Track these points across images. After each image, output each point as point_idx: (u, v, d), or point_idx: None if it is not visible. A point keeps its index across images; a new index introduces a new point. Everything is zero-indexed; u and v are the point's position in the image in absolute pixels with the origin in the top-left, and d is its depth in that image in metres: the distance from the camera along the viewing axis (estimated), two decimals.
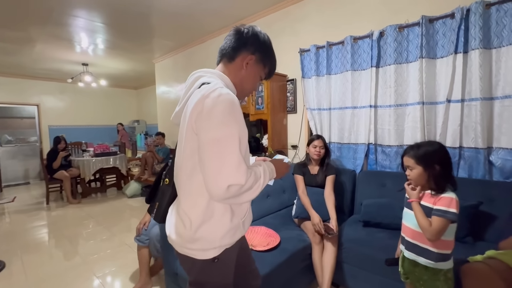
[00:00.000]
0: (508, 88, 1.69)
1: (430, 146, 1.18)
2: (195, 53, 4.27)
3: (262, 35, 0.90)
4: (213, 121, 0.71)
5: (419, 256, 1.16)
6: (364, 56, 2.30)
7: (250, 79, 0.92)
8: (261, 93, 2.81)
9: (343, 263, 1.79)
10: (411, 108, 2.07)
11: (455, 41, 1.83)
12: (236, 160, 0.71)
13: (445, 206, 1.08)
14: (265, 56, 0.91)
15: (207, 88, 0.75)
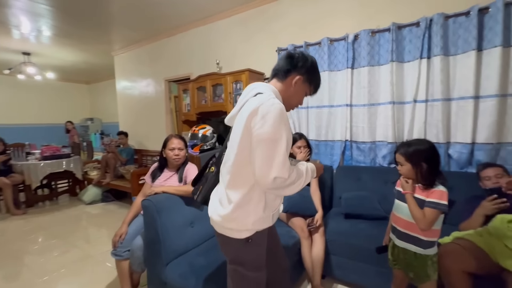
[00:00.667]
0: (463, 90, 1.95)
1: (420, 145, 1.25)
2: (163, 47, 4.02)
3: (310, 59, 1.04)
4: (267, 124, 0.87)
5: (410, 244, 1.24)
6: (340, 58, 2.43)
7: (297, 96, 1.07)
8: (240, 91, 2.77)
9: (330, 255, 1.86)
10: (383, 108, 2.25)
11: (420, 47, 2.04)
12: (282, 158, 0.87)
13: (437, 198, 1.17)
14: (311, 77, 1.05)
15: (263, 97, 0.91)
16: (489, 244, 1.37)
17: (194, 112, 3.18)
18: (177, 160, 1.83)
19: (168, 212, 1.59)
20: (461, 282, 1.33)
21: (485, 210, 1.54)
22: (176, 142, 1.85)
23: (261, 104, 0.88)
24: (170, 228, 1.56)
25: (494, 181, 1.62)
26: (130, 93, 4.72)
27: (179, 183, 1.83)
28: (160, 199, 1.59)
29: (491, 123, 1.85)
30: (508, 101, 1.84)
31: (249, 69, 2.68)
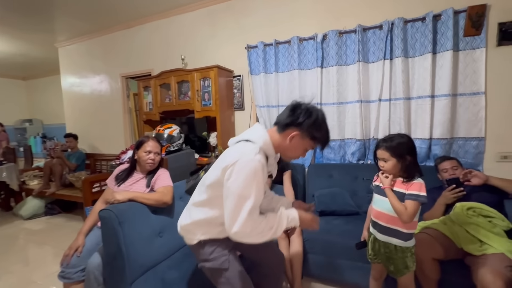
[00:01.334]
0: (421, 90, 2.11)
1: (401, 138, 1.24)
2: (119, 40, 3.65)
3: (315, 114, 1.00)
4: (240, 179, 0.92)
5: (392, 238, 1.24)
6: (309, 57, 2.45)
7: (294, 150, 1.06)
8: (208, 88, 2.63)
9: (307, 254, 1.84)
10: (351, 106, 2.33)
11: (384, 49, 2.16)
12: (247, 215, 0.92)
13: (416, 190, 1.18)
14: (313, 133, 1.01)
15: (245, 150, 0.96)
16: (453, 231, 1.47)
17: (157, 111, 2.93)
18: (151, 165, 1.65)
19: (132, 222, 1.38)
20: (432, 269, 1.40)
21: (446, 199, 1.66)
22: (153, 145, 1.67)
23: (239, 159, 0.93)
24: (135, 240, 1.36)
25: (451, 173, 1.77)
26: (79, 90, 4.19)
27: (146, 189, 1.63)
28: (122, 208, 1.38)
29: (445, 120, 2.03)
30: (458, 100, 2.04)
31: (217, 66, 2.56)
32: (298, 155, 1.08)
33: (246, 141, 1.02)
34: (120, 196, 1.41)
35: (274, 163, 1.16)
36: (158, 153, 1.68)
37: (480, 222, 1.45)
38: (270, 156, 1.05)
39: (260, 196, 0.96)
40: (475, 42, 1.95)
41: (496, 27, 1.91)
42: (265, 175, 0.98)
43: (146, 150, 1.64)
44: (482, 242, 1.38)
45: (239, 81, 2.85)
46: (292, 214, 1.05)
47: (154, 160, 1.67)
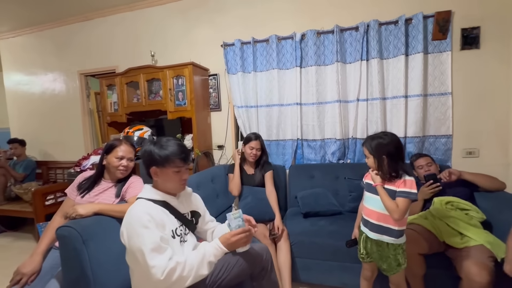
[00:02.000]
0: (395, 90, 2.19)
1: (383, 139, 1.25)
2: (77, 34, 3.25)
3: (154, 150, 1.09)
4: (131, 235, 0.98)
5: (384, 236, 1.24)
6: (288, 56, 2.42)
7: (167, 181, 1.11)
8: (182, 87, 2.44)
9: (294, 258, 1.77)
10: (330, 106, 2.34)
11: (360, 50, 2.20)
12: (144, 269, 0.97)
13: (408, 188, 1.18)
14: (160, 162, 1.08)
15: (129, 209, 1.05)
16: (435, 225, 1.52)
17: (123, 112, 2.65)
18: (123, 172, 1.46)
19: (100, 240, 1.18)
20: (418, 264, 1.42)
21: (424, 195, 1.72)
22: (126, 150, 1.48)
23: (125, 221, 1.03)
24: (104, 261, 1.16)
25: (426, 169, 1.84)
26: (27, 89, 3.65)
27: (115, 199, 1.42)
28: (87, 224, 1.17)
29: (417, 119, 2.13)
30: (428, 100, 2.15)
31: (193, 63, 2.40)
32: (178, 183, 1.12)
33: (138, 199, 1.10)
34: (82, 210, 1.19)
35: (183, 202, 1.20)
36: (132, 159, 1.49)
37: (458, 215, 1.51)
38: (168, 198, 1.12)
39: (155, 237, 0.97)
40: (442, 45, 2.08)
41: (460, 33, 2.06)
42: (157, 218, 1.02)
43: (117, 156, 1.44)
44: (463, 235, 1.44)
45: (215, 80, 2.71)
46: (209, 251, 1.07)
47: (127, 167, 1.47)
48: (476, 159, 2.10)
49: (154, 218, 1.00)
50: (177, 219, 1.13)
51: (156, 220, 1.01)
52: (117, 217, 1.28)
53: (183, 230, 1.14)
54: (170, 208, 1.12)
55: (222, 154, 2.74)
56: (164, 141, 1.11)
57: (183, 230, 1.14)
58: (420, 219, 1.60)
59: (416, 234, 1.48)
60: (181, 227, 1.13)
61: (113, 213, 1.27)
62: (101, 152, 1.52)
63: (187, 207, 1.22)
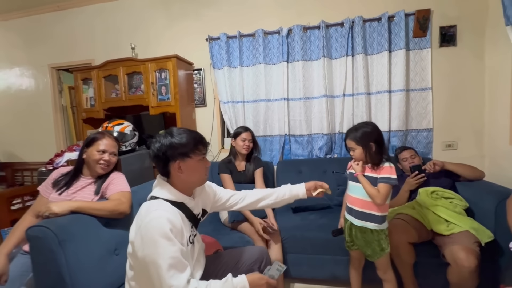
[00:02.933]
0: (379, 85, 2.24)
1: (366, 128, 1.31)
2: (47, 24, 3.00)
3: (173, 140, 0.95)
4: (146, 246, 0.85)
5: (368, 222, 1.28)
6: (275, 51, 2.40)
7: (192, 175, 0.99)
8: (165, 81, 2.34)
9: (286, 254, 1.74)
10: (317, 101, 2.35)
11: (346, 46, 2.23)
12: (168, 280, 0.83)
13: (387, 174, 1.25)
14: (184, 152, 0.95)
15: (145, 210, 0.92)
16: (422, 214, 1.55)
17: (101, 107, 2.49)
18: (104, 168, 1.35)
19: (78, 240, 1.07)
20: (408, 253, 1.45)
21: (409, 186, 1.77)
22: (109, 143, 1.37)
23: (140, 225, 0.88)
24: (84, 262, 1.05)
25: (410, 161, 1.89)
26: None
27: (95, 196, 1.30)
28: (63, 223, 1.05)
29: (400, 114, 2.20)
30: (410, 95, 2.22)
31: (176, 56, 2.30)
32: (204, 172, 1.03)
33: (153, 198, 0.98)
34: (57, 208, 1.07)
35: (198, 202, 1.08)
36: (115, 153, 1.39)
37: (444, 204, 1.56)
38: (186, 199, 1.00)
39: (175, 251, 0.86)
40: (422, 42, 2.17)
41: (438, 30, 2.15)
42: (178, 225, 0.90)
43: (99, 149, 1.32)
44: (449, 222, 1.48)
45: (200, 75, 2.63)
46: (241, 283, 0.94)
47: (109, 162, 1.36)
48: (455, 151, 2.21)
49: (176, 226, 0.88)
50: (190, 221, 1.02)
51: (177, 228, 0.89)
52: (98, 215, 1.17)
53: (193, 232, 1.03)
54: (187, 210, 1.00)
55: (208, 151, 2.64)
56: (176, 131, 0.98)
57: (193, 232, 1.03)
58: (408, 209, 1.63)
59: (405, 224, 1.50)
60: (192, 230, 1.02)
61: (93, 211, 1.16)
62: (81, 145, 1.40)
63: (200, 206, 1.10)
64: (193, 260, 1.03)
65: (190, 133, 0.99)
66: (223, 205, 1.24)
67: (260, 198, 1.26)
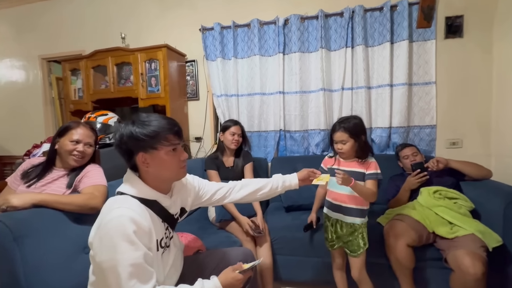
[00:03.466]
0: (380, 79, 2.12)
1: (356, 120, 1.30)
2: (37, 14, 2.92)
3: (133, 129, 0.81)
4: (104, 249, 0.74)
5: (357, 217, 1.27)
6: (270, 42, 2.29)
7: (164, 167, 0.85)
8: (155, 72, 2.23)
9: (275, 255, 1.63)
10: (314, 95, 2.23)
11: (345, 36, 2.12)
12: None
13: (374, 169, 1.25)
14: (147, 143, 0.81)
15: (107, 207, 0.80)
16: (423, 215, 1.43)
17: (89, 99, 2.39)
18: (77, 159, 1.25)
19: (40, 238, 0.97)
20: (407, 257, 1.33)
21: (410, 184, 1.65)
22: (84, 133, 1.27)
23: (99, 225, 0.77)
24: (45, 262, 0.95)
25: (411, 159, 1.77)
26: None
27: (66, 190, 1.20)
28: (22, 218, 0.95)
29: (402, 109, 2.07)
30: (413, 89, 2.10)
31: (167, 45, 2.20)
32: (177, 166, 0.87)
33: (119, 194, 0.86)
34: (17, 201, 0.97)
35: (176, 200, 0.96)
36: (90, 144, 1.29)
37: (447, 204, 1.44)
38: (160, 197, 0.88)
39: (138, 257, 0.74)
40: (427, 34, 2.04)
41: (444, 21, 2.02)
42: (145, 227, 0.77)
43: (72, 139, 1.23)
44: (452, 224, 1.37)
45: (193, 67, 2.52)
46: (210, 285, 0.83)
47: (84, 153, 1.26)
48: (460, 149, 2.08)
49: (142, 228, 0.76)
50: (164, 222, 0.90)
51: (144, 229, 0.77)
52: (66, 210, 1.07)
53: (167, 234, 0.92)
54: (160, 210, 0.88)
55: (200, 147, 2.55)
56: (145, 117, 0.84)
57: (167, 234, 0.92)
58: (408, 209, 1.51)
59: (404, 225, 1.38)
60: (166, 232, 0.90)
61: (60, 205, 1.06)
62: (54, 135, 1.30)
63: (179, 204, 0.98)
64: (168, 266, 0.92)
65: (159, 120, 0.85)
66: (209, 200, 1.13)
67: (252, 192, 1.14)
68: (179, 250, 1.05)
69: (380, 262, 1.47)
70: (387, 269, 1.42)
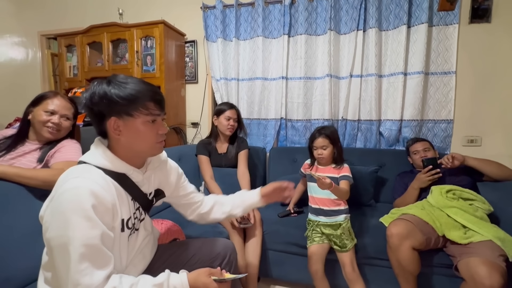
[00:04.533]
0: (393, 67, 1.93)
1: (332, 127, 1.49)
2: None
3: (109, 90, 0.70)
4: (54, 223, 0.64)
5: (339, 216, 1.32)
6: (275, 23, 2.12)
7: (138, 138, 0.75)
8: (151, 50, 2.11)
9: (267, 251, 1.50)
10: (319, 82, 2.06)
11: (357, 18, 1.93)
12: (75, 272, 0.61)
13: (347, 172, 1.36)
14: (122, 108, 0.70)
15: (63, 176, 0.69)
16: (433, 216, 1.26)
17: (83, 77, 2.30)
18: (52, 132, 1.15)
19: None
20: (411, 260, 1.17)
21: (420, 182, 1.48)
22: (60, 104, 1.17)
23: (52, 196, 0.67)
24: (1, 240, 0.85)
25: (422, 155, 1.59)
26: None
27: (37, 164, 1.10)
28: None
29: (416, 100, 1.88)
30: (429, 79, 1.90)
31: (164, 22, 2.06)
32: (154, 140, 0.77)
33: (80, 163, 0.74)
34: None
35: (150, 177, 0.85)
36: (68, 117, 1.18)
37: (462, 206, 1.27)
38: (130, 171, 0.76)
39: (94, 237, 0.63)
40: (449, 17, 1.83)
41: (469, 3, 1.81)
42: (107, 202, 0.67)
43: (47, 109, 1.12)
44: (466, 228, 1.19)
45: (193, 48, 2.38)
46: (178, 284, 0.71)
47: (59, 125, 1.16)
48: (478, 148, 1.88)
49: (103, 203, 0.65)
50: (135, 201, 0.79)
51: (106, 205, 0.66)
52: (30, 185, 0.97)
53: (138, 215, 0.81)
54: (130, 185, 0.76)
55: (197, 132, 2.43)
56: (122, 78, 0.72)
57: (138, 215, 0.81)
58: (416, 209, 1.34)
59: (411, 225, 1.22)
60: (136, 212, 0.80)
61: (22, 179, 0.95)
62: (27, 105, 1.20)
63: (154, 184, 0.87)
64: (134, 251, 0.80)
65: (139, 83, 0.73)
66: (182, 199, 1.00)
67: (210, 209, 1.03)
68: (151, 236, 0.93)
69: (379, 265, 1.33)
70: (387, 272, 1.28)
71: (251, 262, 1.35)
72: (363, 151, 1.99)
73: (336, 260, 1.33)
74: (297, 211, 1.60)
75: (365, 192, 1.73)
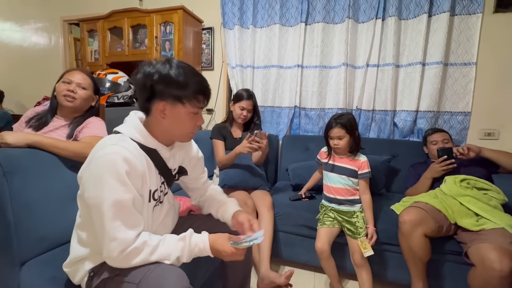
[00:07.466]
0: (411, 56, 1.90)
1: (348, 115, 1.39)
2: None
3: (171, 72, 0.73)
4: (92, 185, 0.70)
5: (354, 206, 1.38)
6: (293, 11, 2.12)
7: (178, 125, 0.80)
8: (170, 36, 2.16)
9: (278, 232, 1.55)
10: (335, 71, 2.06)
11: (377, 6, 1.91)
12: (110, 229, 0.68)
13: (367, 168, 1.37)
14: (177, 94, 0.74)
15: (101, 142, 0.75)
16: (446, 204, 1.27)
17: (104, 61, 2.38)
18: (69, 99, 1.19)
19: (30, 177, 0.94)
20: (422, 247, 1.19)
21: (433, 172, 1.48)
22: (78, 76, 1.22)
23: (91, 159, 0.72)
24: (33, 202, 0.93)
25: (440, 146, 1.58)
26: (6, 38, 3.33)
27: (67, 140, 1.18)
28: (14, 154, 0.93)
29: (433, 91, 1.86)
30: (448, 70, 1.87)
31: (183, 7, 2.10)
32: (191, 130, 0.83)
33: (115, 133, 0.79)
34: (12, 138, 0.95)
35: (175, 154, 0.89)
36: (85, 87, 1.23)
37: (476, 194, 1.27)
38: (159, 147, 0.81)
39: (127, 200, 0.69)
40: (472, 6, 1.78)
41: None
42: (138, 170, 0.72)
43: (65, 80, 1.18)
44: (479, 216, 1.20)
45: (210, 35, 2.41)
46: (200, 243, 0.77)
47: (76, 93, 1.20)
48: (495, 141, 1.85)
49: (136, 170, 0.71)
50: (161, 175, 0.84)
51: (137, 173, 0.71)
52: (61, 155, 1.04)
53: (163, 189, 0.86)
54: (158, 160, 0.81)
55: (211, 119, 2.48)
56: (181, 64, 0.75)
57: (163, 189, 0.86)
58: (429, 197, 1.35)
59: (423, 213, 1.23)
60: (161, 186, 0.85)
61: (55, 149, 1.02)
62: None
63: (178, 161, 0.92)
64: (158, 222, 0.87)
65: (194, 74, 0.77)
66: (195, 182, 1.06)
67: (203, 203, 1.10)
68: (173, 209, 0.99)
69: (389, 250, 1.36)
70: (397, 258, 1.31)
71: (262, 244, 1.40)
72: (376, 141, 2.00)
73: (345, 244, 1.37)
74: (309, 196, 1.64)
75: (377, 181, 1.74)
